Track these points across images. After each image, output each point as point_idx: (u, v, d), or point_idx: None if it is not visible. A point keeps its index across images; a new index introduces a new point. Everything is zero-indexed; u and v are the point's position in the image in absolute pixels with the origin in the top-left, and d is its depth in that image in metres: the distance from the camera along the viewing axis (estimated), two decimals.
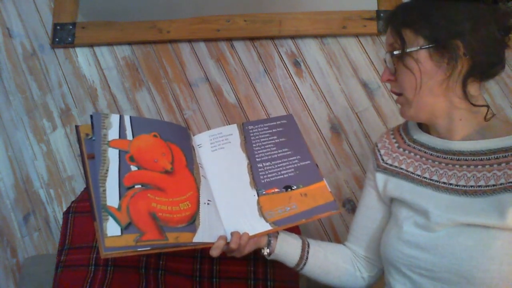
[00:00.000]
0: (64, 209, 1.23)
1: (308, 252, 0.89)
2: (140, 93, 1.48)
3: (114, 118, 0.81)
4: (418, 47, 0.74)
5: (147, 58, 1.49)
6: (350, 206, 1.32)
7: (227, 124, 1.41)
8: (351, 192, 1.33)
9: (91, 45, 1.52)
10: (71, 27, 1.50)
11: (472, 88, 0.76)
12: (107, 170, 0.74)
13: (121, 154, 0.78)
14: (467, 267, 0.69)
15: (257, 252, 0.92)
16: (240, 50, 1.45)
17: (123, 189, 0.74)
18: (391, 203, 0.88)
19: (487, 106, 0.77)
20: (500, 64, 0.76)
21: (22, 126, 1.51)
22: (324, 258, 0.91)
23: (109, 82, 1.50)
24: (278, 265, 0.94)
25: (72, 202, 1.17)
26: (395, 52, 0.77)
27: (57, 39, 1.51)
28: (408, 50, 0.75)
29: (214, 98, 1.44)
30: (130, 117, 0.83)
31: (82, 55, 1.52)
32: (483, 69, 0.75)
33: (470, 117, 0.78)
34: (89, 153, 0.76)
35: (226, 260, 1.06)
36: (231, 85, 1.44)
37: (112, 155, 0.77)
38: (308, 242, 0.91)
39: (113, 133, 0.79)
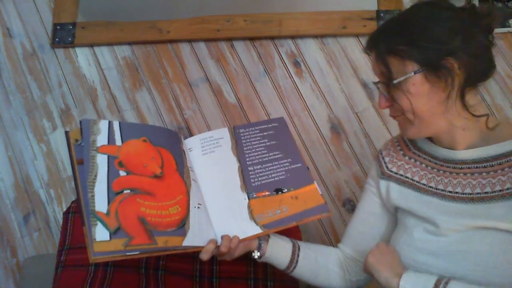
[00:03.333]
0: (64, 209, 1.23)
1: (298, 255, 0.89)
2: (140, 93, 1.48)
3: (103, 124, 0.82)
4: (412, 73, 0.73)
5: (147, 58, 1.49)
6: (350, 206, 1.32)
7: (226, 124, 1.41)
8: (351, 192, 1.33)
9: (91, 45, 1.52)
10: (71, 27, 1.50)
11: (471, 97, 0.76)
12: (95, 176, 0.75)
13: (110, 159, 0.78)
14: (482, 273, 0.69)
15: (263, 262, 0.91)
16: (240, 50, 1.45)
17: (112, 194, 0.74)
18: (396, 211, 0.88)
19: (487, 115, 0.77)
20: (492, 67, 0.76)
21: (22, 126, 1.51)
22: (314, 261, 0.91)
23: (109, 82, 1.50)
24: None
25: (72, 202, 1.17)
26: (394, 81, 0.75)
27: (57, 39, 1.51)
28: (401, 79, 0.74)
29: (214, 98, 1.44)
30: (120, 122, 0.83)
31: (82, 55, 1.52)
32: (477, 76, 0.75)
33: (473, 126, 0.77)
34: (79, 158, 0.76)
35: (226, 260, 1.06)
36: (231, 85, 1.44)
37: (101, 160, 0.77)
38: (298, 245, 0.91)
39: (102, 139, 0.79)
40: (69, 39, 1.50)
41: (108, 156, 0.78)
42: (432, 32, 0.72)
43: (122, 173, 0.78)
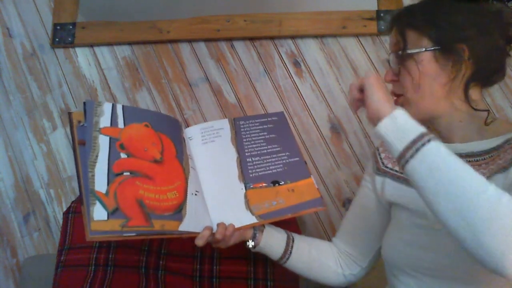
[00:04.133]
0: (64, 209, 1.23)
1: (292, 247, 0.91)
2: (140, 93, 1.48)
3: (107, 106, 0.82)
4: (423, 49, 0.75)
5: (147, 58, 1.49)
6: None
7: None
8: (351, 192, 1.33)
9: (91, 45, 1.52)
10: (71, 27, 1.50)
11: (474, 93, 0.77)
12: (96, 156, 0.75)
13: (111, 141, 0.78)
14: (470, 264, 0.69)
15: (257, 252, 0.92)
16: (240, 50, 1.45)
17: (112, 175, 0.75)
18: (390, 207, 0.89)
19: (488, 111, 0.77)
20: (501, 72, 0.78)
21: (22, 126, 1.51)
22: (307, 254, 0.92)
23: (109, 82, 1.50)
24: (278, 265, 0.94)
25: (72, 202, 1.17)
26: (400, 52, 0.77)
27: (57, 39, 1.50)
28: (414, 51, 0.76)
29: (214, 98, 1.44)
30: (123, 106, 0.84)
31: (82, 55, 1.52)
32: (485, 75, 0.77)
33: (471, 119, 0.78)
34: (80, 139, 0.77)
35: (226, 260, 1.06)
36: (231, 85, 1.44)
37: (103, 142, 0.77)
38: (293, 237, 0.93)
39: (104, 121, 0.80)
40: (69, 39, 1.50)
41: (110, 138, 0.79)
42: (453, 16, 0.75)
43: (123, 155, 0.78)
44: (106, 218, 0.70)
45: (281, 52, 1.44)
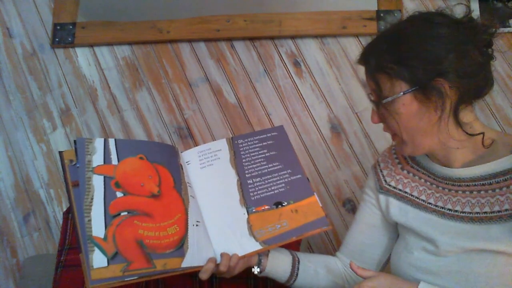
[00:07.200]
0: (64, 209, 1.23)
1: (298, 268, 0.89)
2: (140, 93, 1.48)
3: (99, 143, 0.79)
4: (401, 93, 0.70)
5: (147, 58, 1.49)
6: (350, 206, 1.32)
7: (227, 125, 1.42)
8: (351, 192, 1.33)
9: (91, 45, 1.52)
10: (71, 27, 1.50)
11: (465, 115, 0.73)
12: (92, 199, 0.73)
13: (106, 180, 0.75)
14: None
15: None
16: (240, 50, 1.46)
17: (109, 218, 0.72)
18: (396, 224, 0.87)
19: (482, 133, 0.73)
20: (488, 83, 0.73)
21: (22, 126, 1.51)
22: (313, 273, 0.90)
23: (109, 82, 1.50)
24: None
25: None
26: (383, 101, 0.73)
27: (57, 39, 1.51)
28: (392, 98, 0.71)
29: (214, 98, 1.44)
30: (115, 140, 0.81)
31: (82, 55, 1.52)
32: (472, 94, 0.72)
33: (468, 144, 0.75)
34: (74, 180, 0.74)
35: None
36: (231, 85, 1.44)
37: (97, 182, 0.74)
38: (298, 258, 0.90)
39: (97, 159, 0.77)
40: (69, 39, 1.50)
41: (104, 177, 0.76)
42: (422, 51, 0.69)
43: (119, 194, 0.75)
44: (106, 265, 0.68)
45: (281, 52, 1.44)
